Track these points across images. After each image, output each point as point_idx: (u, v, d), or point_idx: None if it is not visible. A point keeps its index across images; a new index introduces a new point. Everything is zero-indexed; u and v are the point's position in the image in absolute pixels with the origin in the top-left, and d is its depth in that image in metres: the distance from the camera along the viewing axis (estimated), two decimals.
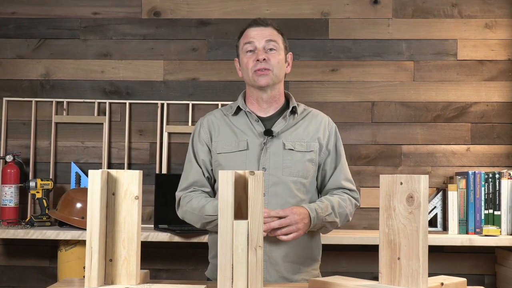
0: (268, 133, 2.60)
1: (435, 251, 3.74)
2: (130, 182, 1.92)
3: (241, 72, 2.68)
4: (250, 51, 2.60)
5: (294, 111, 2.67)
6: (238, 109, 2.69)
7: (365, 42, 3.97)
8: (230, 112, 2.68)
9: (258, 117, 2.65)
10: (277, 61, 2.59)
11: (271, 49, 2.59)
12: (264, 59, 2.56)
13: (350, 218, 2.64)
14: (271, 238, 2.47)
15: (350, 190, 2.66)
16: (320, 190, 2.70)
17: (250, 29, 2.63)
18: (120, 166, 3.92)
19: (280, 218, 2.42)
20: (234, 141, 2.63)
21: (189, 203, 2.59)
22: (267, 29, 2.61)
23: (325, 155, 2.64)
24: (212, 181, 2.69)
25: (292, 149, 2.58)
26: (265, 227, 2.38)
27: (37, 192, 3.71)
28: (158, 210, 3.67)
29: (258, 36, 2.59)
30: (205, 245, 3.64)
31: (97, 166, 3.91)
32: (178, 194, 2.67)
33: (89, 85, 3.99)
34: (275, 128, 2.62)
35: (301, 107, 2.72)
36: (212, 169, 2.67)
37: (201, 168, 2.66)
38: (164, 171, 3.88)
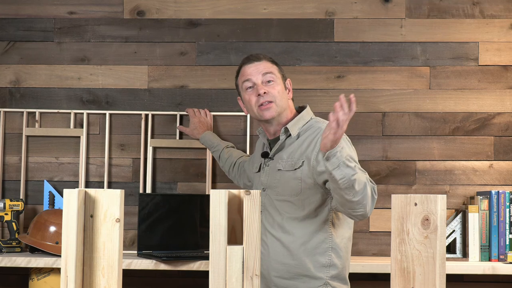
0: (264, 155, 3.04)
1: (453, 280, 3.74)
2: (110, 202, 1.92)
3: (246, 109, 3.08)
4: (250, 87, 2.98)
5: (288, 132, 2.99)
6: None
7: (375, 45, 3.98)
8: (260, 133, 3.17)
9: (268, 139, 3.07)
10: (277, 92, 2.95)
11: (269, 81, 2.96)
12: (264, 93, 2.93)
13: (373, 197, 2.64)
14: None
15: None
16: None
17: (244, 66, 3.02)
18: (99, 185, 3.92)
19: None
20: (256, 162, 3.16)
21: None
22: (261, 63, 2.99)
23: (317, 164, 2.74)
24: (238, 171, 3.50)
25: (281, 169, 2.93)
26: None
27: (6, 214, 3.71)
28: (142, 234, 3.67)
29: (254, 72, 2.97)
30: (194, 273, 3.64)
31: (73, 184, 3.90)
32: None
33: (64, 93, 4.00)
34: (273, 150, 3.01)
35: (303, 126, 2.98)
36: (247, 175, 3.39)
37: (244, 162, 3.44)
38: (148, 190, 3.89)
